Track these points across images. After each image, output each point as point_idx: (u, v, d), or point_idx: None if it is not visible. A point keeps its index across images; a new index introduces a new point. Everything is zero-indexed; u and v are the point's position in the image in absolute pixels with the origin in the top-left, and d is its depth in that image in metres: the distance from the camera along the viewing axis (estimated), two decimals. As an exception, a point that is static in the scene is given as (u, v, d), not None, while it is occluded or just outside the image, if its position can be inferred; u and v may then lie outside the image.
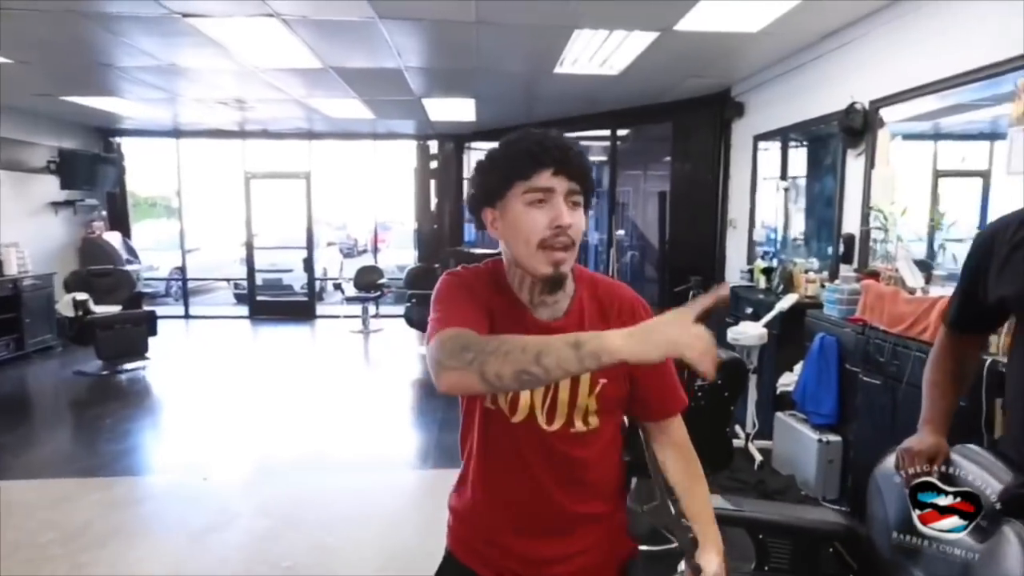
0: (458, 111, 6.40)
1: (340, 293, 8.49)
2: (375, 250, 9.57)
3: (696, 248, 5.72)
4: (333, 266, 11.49)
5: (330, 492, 3.26)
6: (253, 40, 3.94)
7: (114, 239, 7.49)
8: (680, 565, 1.15)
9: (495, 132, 7.64)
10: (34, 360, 6.09)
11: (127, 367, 5.63)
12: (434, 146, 8.27)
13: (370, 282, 7.94)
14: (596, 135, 7.14)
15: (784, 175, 4.79)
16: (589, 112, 6.34)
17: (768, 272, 4.25)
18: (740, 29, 3.64)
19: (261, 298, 8.78)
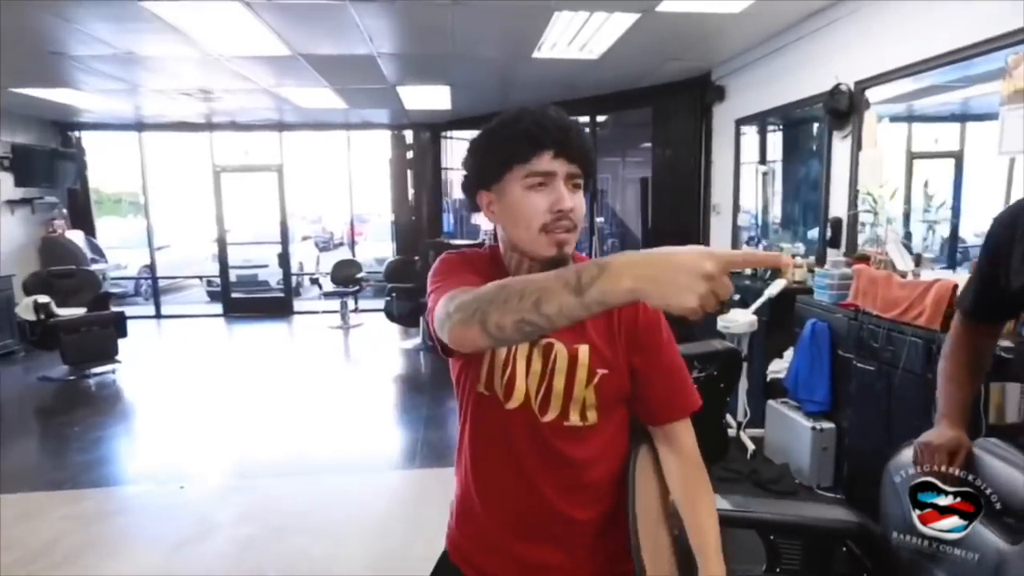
0: (433, 99, 6.24)
1: (317, 288, 8.28)
2: (352, 243, 9.37)
3: (679, 234, 5.67)
4: (309, 260, 11.21)
5: (313, 497, 3.14)
6: (216, 26, 3.74)
7: (77, 237, 7.18)
8: None
9: (471, 120, 7.50)
10: (-5, 367, 5.82)
11: (95, 371, 5.40)
12: (409, 136, 8.09)
13: (348, 276, 7.77)
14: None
15: (763, 159, 4.76)
16: (567, 98, 6.21)
17: (754, 258, 4.19)
18: (722, 10, 3.56)
19: (235, 295, 8.55)
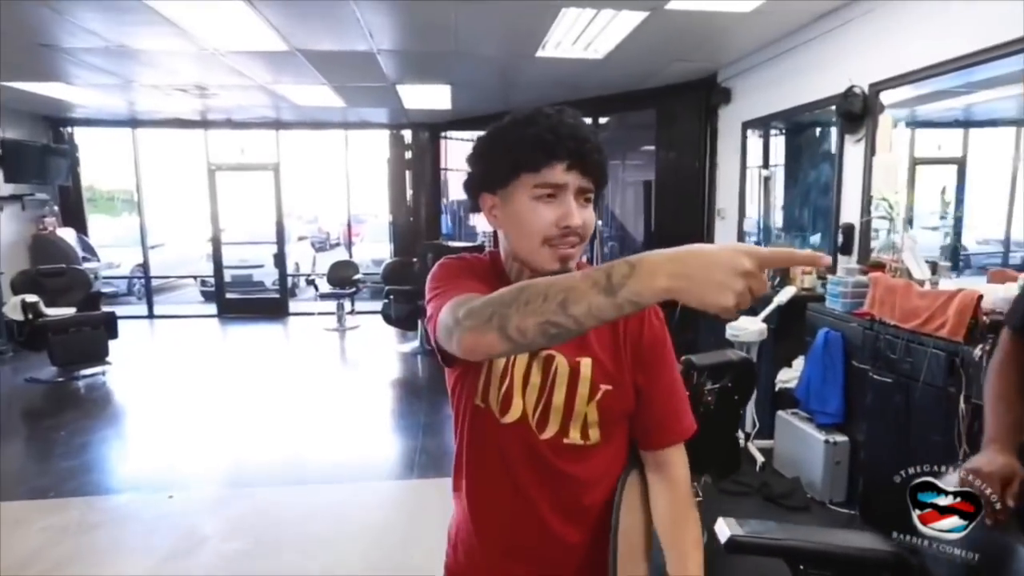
0: (433, 98, 6.13)
1: (313, 289, 8.17)
2: (349, 244, 9.26)
3: (682, 239, 5.38)
4: (305, 261, 11.11)
5: (307, 508, 3.02)
6: (211, 19, 3.63)
7: (68, 235, 7.04)
8: None
9: (471, 121, 7.40)
10: (-19, 367, 5.68)
11: (84, 373, 5.27)
12: (408, 135, 7.98)
13: (345, 277, 7.66)
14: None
15: (766, 163, 4.68)
16: (570, 99, 6.09)
17: (761, 263, 4.10)
18: (733, 8, 3.47)
19: (230, 295, 8.42)
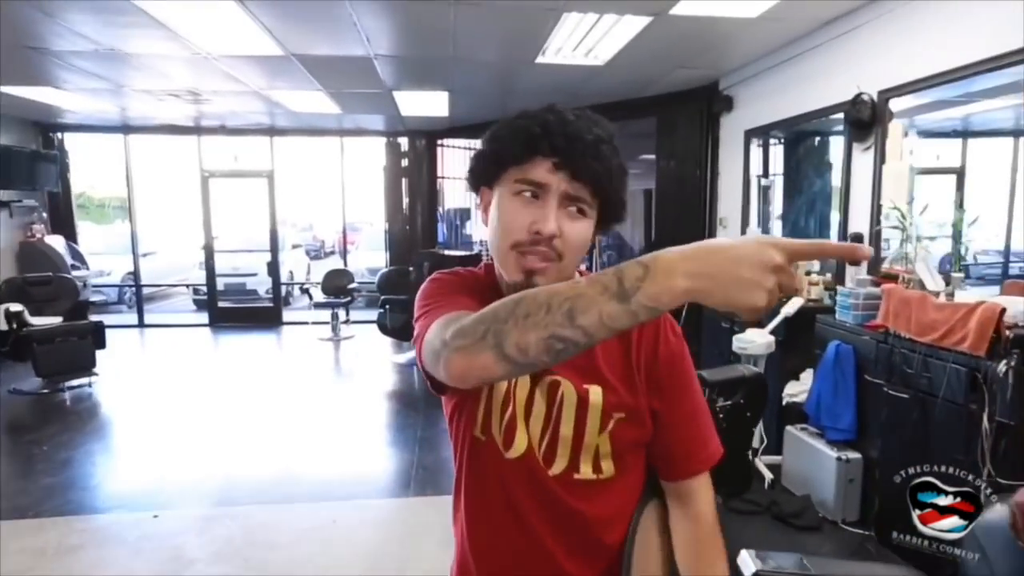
0: (431, 105, 6.05)
1: (308, 298, 8.05)
2: (344, 252, 9.15)
3: None
4: (300, 269, 10.99)
5: (298, 529, 2.89)
6: (204, 22, 3.54)
7: (57, 243, 6.90)
8: None
9: (469, 128, 7.32)
10: (-37, 378, 5.51)
11: (70, 384, 5.11)
12: (405, 143, 7.90)
13: (339, 286, 7.55)
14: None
15: (766, 172, 4.63)
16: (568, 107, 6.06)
17: (765, 274, 4.02)
18: (739, 14, 3.40)
19: (223, 304, 8.29)
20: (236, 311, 8.35)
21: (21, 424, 4.51)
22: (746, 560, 1.34)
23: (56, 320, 5.28)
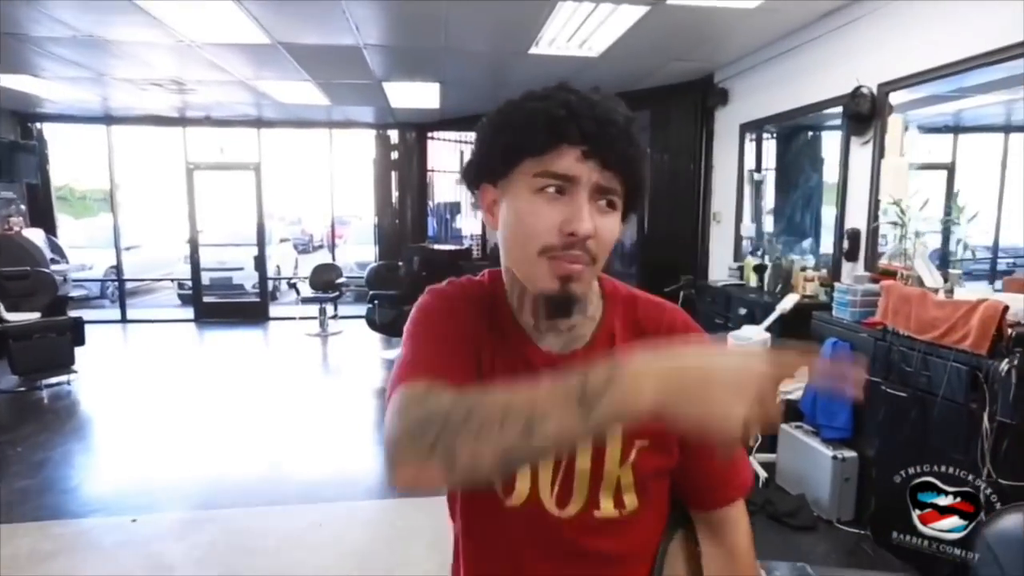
0: (421, 97, 5.95)
1: (295, 293, 7.93)
2: (332, 246, 9.02)
3: (676, 244, 5.46)
4: (287, 264, 10.84)
5: (284, 532, 2.81)
6: (187, 8, 3.42)
7: (36, 236, 6.70)
8: None
9: (460, 121, 7.23)
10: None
11: (48, 382, 4.98)
12: (395, 136, 7.79)
13: (327, 281, 7.43)
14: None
15: (759, 167, 4.58)
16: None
17: (760, 270, 3.99)
18: (736, 4, 3.33)
19: (208, 299, 8.15)
20: (222, 306, 8.21)
21: (-3, 423, 4.38)
22: (753, 573, 1.28)
23: (34, 316, 5.13)
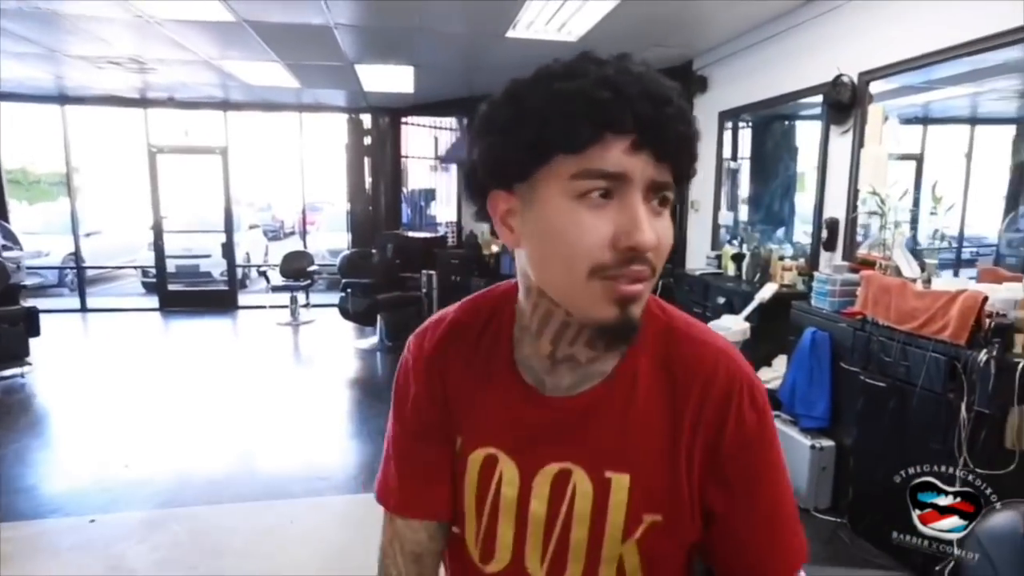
0: (395, 81, 5.78)
1: (265, 281, 7.71)
2: (304, 233, 8.80)
3: None
4: (257, 251, 10.56)
5: (252, 531, 2.70)
6: (143, -21, 3.23)
7: (-14, 222, 6.39)
8: None
9: (435, 106, 7.07)
10: None
11: (1, 375, 4.75)
12: (367, 120, 7.59)
13: (299, 268, 7.25)
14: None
15: (735, 156, 4.58)
16: (539, 85, 5.88)
17: (738, 259, 3.98)
18: (718, -10, 3.28)
19: (173, 287, 7.88)
20: (188, 295, 7.95)
21: (-55, 419, 4.15)
22: None
23: (-16, 305, 4.87)
